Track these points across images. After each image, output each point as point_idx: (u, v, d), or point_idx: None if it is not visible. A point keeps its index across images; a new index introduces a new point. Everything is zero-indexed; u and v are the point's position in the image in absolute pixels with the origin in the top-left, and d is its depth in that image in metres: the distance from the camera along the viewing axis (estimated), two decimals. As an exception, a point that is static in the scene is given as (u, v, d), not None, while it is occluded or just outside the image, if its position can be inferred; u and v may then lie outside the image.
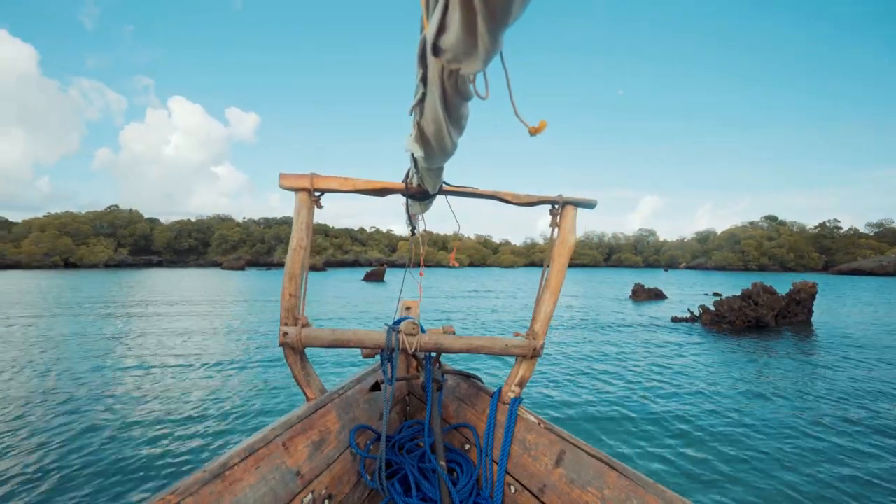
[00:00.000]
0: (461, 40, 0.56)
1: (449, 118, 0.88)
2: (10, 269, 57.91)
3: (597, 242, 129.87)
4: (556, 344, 10.47)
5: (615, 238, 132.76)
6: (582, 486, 1.63)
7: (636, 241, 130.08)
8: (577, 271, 77.65)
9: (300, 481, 1.64)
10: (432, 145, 1.05)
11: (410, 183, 1.84)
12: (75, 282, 32.71)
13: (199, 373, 7.48)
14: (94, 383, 6.75)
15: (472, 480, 1.97)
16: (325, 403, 2.03)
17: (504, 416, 2.07)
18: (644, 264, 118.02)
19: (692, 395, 6.58)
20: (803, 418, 5.70)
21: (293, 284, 1.92)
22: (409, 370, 2.80)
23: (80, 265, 67.49)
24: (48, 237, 68.47)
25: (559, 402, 6.11)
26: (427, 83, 0.81)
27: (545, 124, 0.76)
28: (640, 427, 5.27)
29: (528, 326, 2.21)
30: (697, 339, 11.37)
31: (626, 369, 8.19)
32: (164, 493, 1.24)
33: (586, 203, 2.10)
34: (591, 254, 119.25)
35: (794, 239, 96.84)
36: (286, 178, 1.89)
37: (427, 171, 1.46)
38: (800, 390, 6.96)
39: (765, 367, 8.46)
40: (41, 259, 64.72)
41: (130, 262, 76.80)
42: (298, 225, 1.92)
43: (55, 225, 74.27)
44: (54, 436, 4.73)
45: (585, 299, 22.80)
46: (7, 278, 36.97)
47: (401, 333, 2.02)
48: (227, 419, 5.28)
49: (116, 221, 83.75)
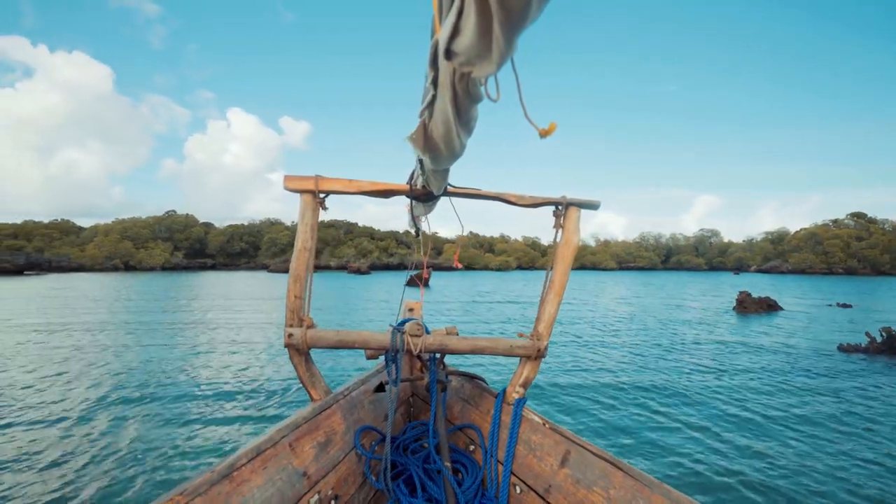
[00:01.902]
0: (475, 44, 0.56)
1: (459, 120, 0.88)
2: (74, 271, 60.61)
3: (653, 244, 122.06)
4: (660, 392, 7.12)
5: (673, 239, 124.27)
6: (587, 486, 1.62)
7: (697, 242, 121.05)
8: (635, 275, 72.11)
9: (307, 482, 1.64)
10: (440, 147, 1.04)
11: (415, 185, 1.80)
12: (130, 283, 32.48)
13: (216, 372, 7.38)
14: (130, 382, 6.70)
15: (477, 481, 1.95)
16: (331, 404, 2.03)
17: (508, 416, 2.05)
18: (707, 267, 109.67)
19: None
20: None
21: (298, 286, 1.90)
22: (412, 371, 2.75)
23: (139, 268, 70.07)
24: (110, 241, 71.58)
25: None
26: (437, 86, 0.81)
27: (555, 126, 0.76)
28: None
29: (532, 328, 2.15)
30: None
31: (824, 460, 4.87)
32: (173, 493, 1.23)
33: (589, 204, 2.05)
34: (647, 256, 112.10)
35: (888, 238, 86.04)
36: (291, 179, 1.86)
37: (433, 172, 1.43)
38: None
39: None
40: (103, 262, 67.67)
41: (185, 265, 79.03)
42: (303, 227, 1.90)
43: (117, 230, 77.83)
44: (65, 430, 4.79)
45: (670, 311, 18.88)
46: (69, 281, 37.71)
47: (405, 335, 1.98)
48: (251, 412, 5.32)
49: (173, 226, 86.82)
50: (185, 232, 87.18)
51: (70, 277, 44.74)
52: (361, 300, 21.24)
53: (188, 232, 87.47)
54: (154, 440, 4.60)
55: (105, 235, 74.03)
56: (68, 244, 72.57)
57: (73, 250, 68.05)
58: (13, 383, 6.69)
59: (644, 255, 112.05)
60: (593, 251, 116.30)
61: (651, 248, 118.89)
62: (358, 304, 19.42)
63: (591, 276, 64.28)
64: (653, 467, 4.29)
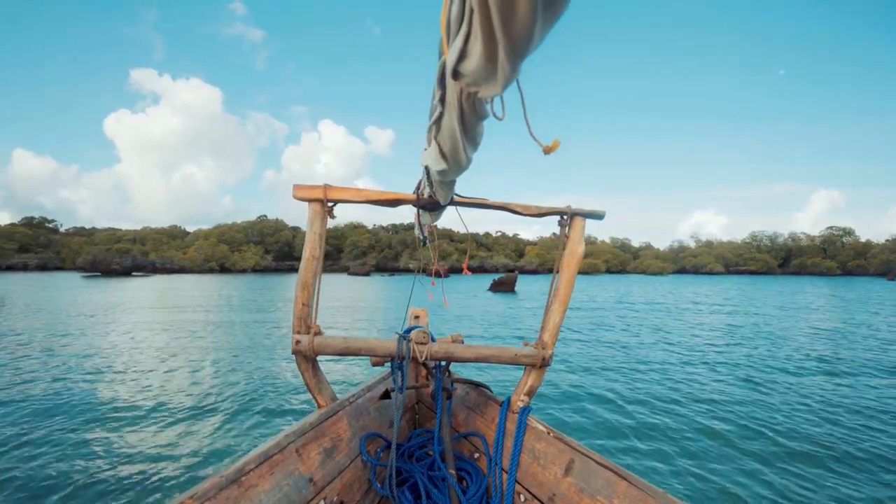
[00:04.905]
0: (481, 67, 0.58)
1: (465, 136, 0.92)
2: (176, 273, 65.34)
3: (768, 245, 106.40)
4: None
5: (793, 239, 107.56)
6: (591, 496, 1.62)
7: (824, 243, 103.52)
8: (748, 280, 61.65)
9: (313, 488, 1.66)
10: (448, 160, 1.08)
11: (422, 194, 1.83)
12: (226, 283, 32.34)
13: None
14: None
15: (481, 489, 1.95)
16: (337, 411, 2.04)
17: (513, 424, 2.06)
18: (840, 271, 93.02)
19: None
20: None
21: (306, 293, 1.90)
22: (418, 378, 2.73)
23: (233, 270, 73.84)
24: (209, 245, 76.73)
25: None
26: (445, 104, 0.85)
27: (558, 143, 0.78)
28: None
29: (537, 336, 2.15)
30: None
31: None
32: (183, 497, 1.24)
33: (594, 214, 2.06)
34: (762, 258, 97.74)
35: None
36: (300, 189, 1.87)
37: (440, 183, 1.47)
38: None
39: None
40: (201, 264, 72.70)
41: (274, 267, 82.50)
42: (311, 235, 1.90)
43: (215, 234, 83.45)
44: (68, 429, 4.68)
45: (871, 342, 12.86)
46: (172, 281, 39.21)
47: (411, 342, 2.00)
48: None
49: (264, 230, 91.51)
50: (275, 235, 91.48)
51: (170, 278, 47.12)
52: (440, 305, 17.80)
53: (277, 235, 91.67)
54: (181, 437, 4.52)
55: (205, 239, 79.40)
56: (174, 248, 78.94)
57: (176, 253, 73.77)
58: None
59: (758, 257, 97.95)
60: (694, 253, 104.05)
61: (765, 250, 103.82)
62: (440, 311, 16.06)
63: (693, 281, 55.62)
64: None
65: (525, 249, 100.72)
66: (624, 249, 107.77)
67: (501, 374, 6.96)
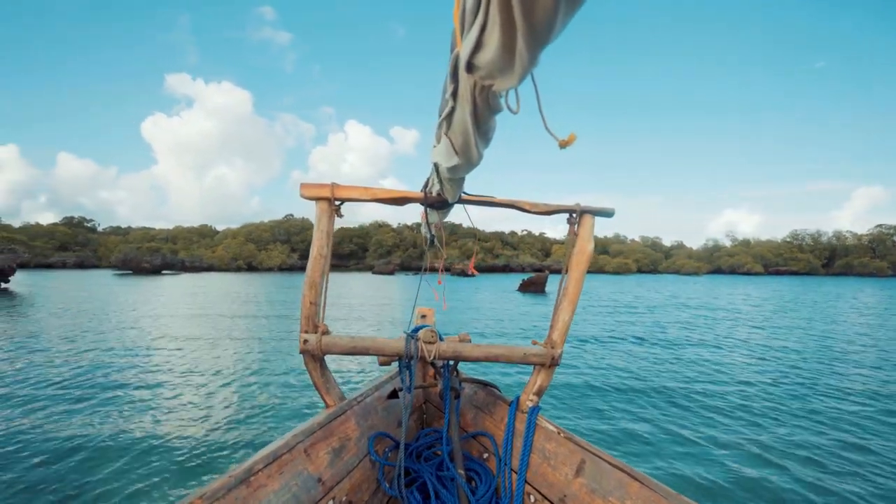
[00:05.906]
0: (498, 58, 0.56)
1: (478, 131, 0.90)
2: (205, 271, 66.28)
3: (811, 244, 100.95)
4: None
5: (838, 237, 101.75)
6: (603, 497, 1.60)
7: (872, 241, 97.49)
8: (793, 281, 58.17)
9: (321, 488, 1.65)
10: (458, 156, 1.07)
11: (430, 192, 1.81)
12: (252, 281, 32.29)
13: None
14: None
15: (490, 489, 1.92)
16: (345, 410, 2.02)
17: (523, 424, 2.03)
18: (892, 272, 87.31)
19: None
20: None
21: (313, 292, 1.89)
22: (426, 378, 2.70)
23: (260, 268, 74.55)
24: (237, 243, 77.92)
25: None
26: (457, 98, 0.83)
27: (574, 137, 0.77)
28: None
29: (546, 335, 2.08)
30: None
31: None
32: (192, 498, 1.24)
33: (604, 212, 1.99)
34: (804, 258, 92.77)
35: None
36: (307, 187, 1.86)
37: (449, 181, 1.45)
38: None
39: None
40: (229, 263, 73.82)
41: (300, 265, 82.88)
42: (319, 233, 1.89)
43: (243, 233, 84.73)
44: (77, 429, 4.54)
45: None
46: (200, 279, 39.54)
47: (419, 341, 1.96)
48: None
49: (291, 229, 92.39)
50: (301, 234, 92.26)
51: (198, 276, 47.58)
52: (469, 306, 16.72)
53: (304, 234, 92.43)
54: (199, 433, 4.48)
55: (233, 238, 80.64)
56: (203, 246, 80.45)
57: (205, 252, 75.15)
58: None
59: (800, 256, 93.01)
60: (730, 252, 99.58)
61: (808, 249, 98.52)
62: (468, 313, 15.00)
63: (731, 281, 52.78)
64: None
65: (552, 248, 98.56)
66: (655, 249, 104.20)
67: (509, 375, 6.84)
